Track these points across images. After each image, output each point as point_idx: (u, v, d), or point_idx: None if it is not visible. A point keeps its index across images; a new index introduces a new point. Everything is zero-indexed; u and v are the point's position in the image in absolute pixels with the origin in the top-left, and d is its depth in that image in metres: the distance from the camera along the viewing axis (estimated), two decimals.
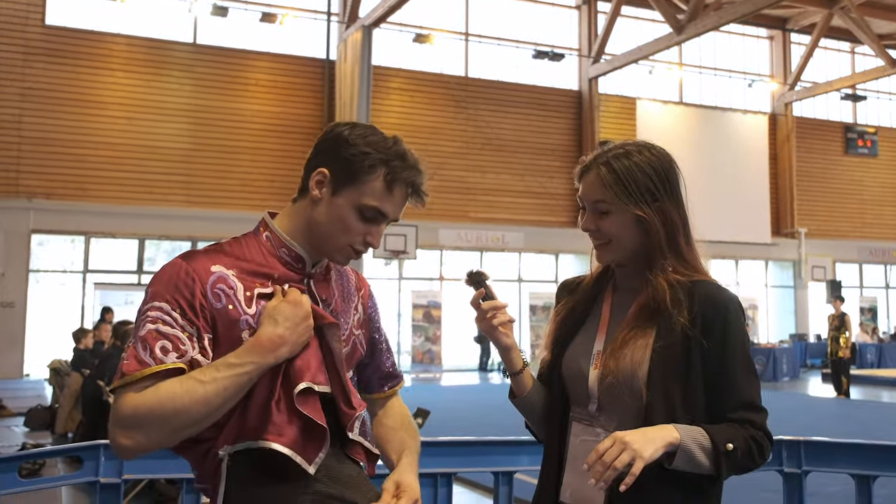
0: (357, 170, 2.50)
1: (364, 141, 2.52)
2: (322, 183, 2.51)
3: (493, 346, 14.23)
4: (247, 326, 2.40)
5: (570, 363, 2.76)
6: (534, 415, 2.89)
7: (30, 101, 24.85)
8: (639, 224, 2.70)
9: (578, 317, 2.85)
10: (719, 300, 2.64)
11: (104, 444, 4.69)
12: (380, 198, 2.55)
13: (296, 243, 2.56)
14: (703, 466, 2.48)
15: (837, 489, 7.84)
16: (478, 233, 29.94)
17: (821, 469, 5.08)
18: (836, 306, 22.57)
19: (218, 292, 2.39)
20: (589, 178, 2.78)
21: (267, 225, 2.59)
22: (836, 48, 38.34)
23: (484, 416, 16.89)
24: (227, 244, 2.54)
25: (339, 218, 2.51)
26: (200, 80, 26.73)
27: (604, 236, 2.74)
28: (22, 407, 16.16)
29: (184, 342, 2.33)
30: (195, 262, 2.42)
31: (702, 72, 35.96)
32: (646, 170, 2.73)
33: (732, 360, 2.62)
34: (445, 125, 30.16)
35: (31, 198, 24.45)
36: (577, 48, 33.09)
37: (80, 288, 25.60)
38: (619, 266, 2.81)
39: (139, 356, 2.29)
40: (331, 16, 28.66)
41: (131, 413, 2.25)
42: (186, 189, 26.32)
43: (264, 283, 2.46)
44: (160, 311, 2.34)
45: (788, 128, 36.31)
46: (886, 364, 30.12)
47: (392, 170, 2.56)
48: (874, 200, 38.55)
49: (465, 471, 5.25)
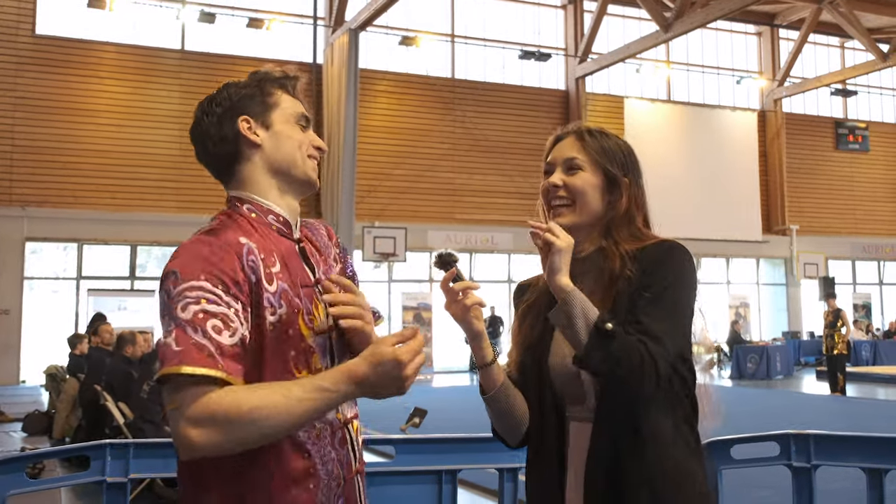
0: (266, 97, 2.56)
1: (243, 83, 2.60)
2: (252, 127, 2.52)
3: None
4: (269, 304, 2.33)
5: (558, 364, 2.68)
6: (504, 414, 2.76)
7: (22, 110, 24.84)
8: (606, 189, 2.73)
9: (542, 323, 2.75)
10: (660, 250, 2.62)
11: (111, 443, 4.71)
12: (297, 105, 2.61)
13: (275, 206, 2.53)
14: (576, 332, 2.45)
15: (841, 485, 7.77)
16: (467, 234, 29.92)
17: (831, 463, 5.03)
18: (830, 305, 22.52)
19: (252, 264, 2.32)
20: (566, 140, 2.82)
21: (241, 199, 2.53)
22: (825, 43, 38.31)
23: (478, 417, 16.85)
24: (225, 222, 2.46)
25: (288, 136, 2.55)
26: (189, 87, 26.66)
27: (570, 193, 2.74)
28: (19, 412, 16.20)
29: (233, 319, 2.22)
30: (223, 235, 2.35)
31: (689, 69, 35.94)
32: (622, 148, 2.81)
33: (654, 301, 2.52)
34: (433, 127, 30.16)
35: (24, 206, 24.43)
36: (563, 48, 33.11)
37: (73, 294, 25.56)
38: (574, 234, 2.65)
39: (194, 339, 2.16)
40: (317, 20, 28.67)
41: (204, 409, 2.12)
42: (177, 195, 26.27)
43: (271, 260, 2.40)
44: (201, 290, 2.22)
45: (778, 124, 36.29)
46: (881, 361, 29.98)
47: (283, 83, 2.62)
48: (866, 196, 38.43)
49: (469, 468, 5.25)
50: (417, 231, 28.32)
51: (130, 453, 4.73)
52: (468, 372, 28.92)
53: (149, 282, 26.30)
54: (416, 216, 29.16)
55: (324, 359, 2.46)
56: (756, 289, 36.49)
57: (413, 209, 29.32)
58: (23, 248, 24.80)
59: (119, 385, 11.85)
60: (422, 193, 29.66)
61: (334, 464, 2.42)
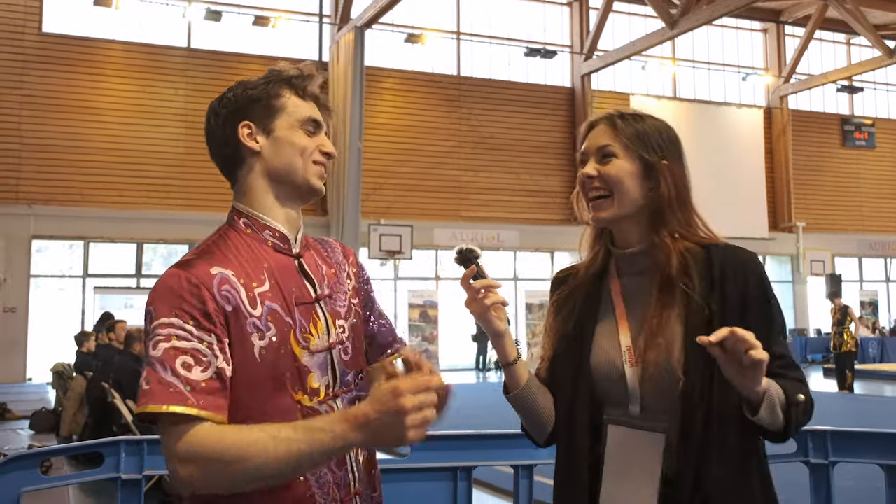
0: (271, 100, 2.48)
1: (252, 83, 2.52)
2: (252, 133, 2.47)
3: (489, 345, 14.16)
4: (254, 329, 2.28)
5: (600, 363, 2.56)
6: (530, 412, 2.67)
7: (28, 108, 24.87)
8: (645, 176, 2.57)
9: (586, 311, 2.66)
10: (745, 263, 2.52)
11: (125, 440, 4.69)
12: (306, 108, 2.52)
13: (273, 221, 2.48)
14: (778, 420, 2.34)
15: (854, 483, 7.73)
16: (473, 232, 29.84)
17: (849, 460, 4.99)
18: (836, 303, 22.47)
19: (225, 294, 2.28)
20: (598, 128, 2.67)
21: (240, 211, 2.50)
22: (831, 39, 38.18)
23: (487, 414, 16.85)
24: (213, 244, 2.43)
25: (290, 143, 2.48)
26: (195, 84, 26.69)
27: (605, 184, 2.58)
28: (26, 410, 16.19)
29: (205, 353, 2.20)
30: (193, 268, 2.30)
31: (695, 66, 35.93)
32: (660, 130, 2.64)
33: (771, 325, 2.48)
34: (439, 125, 30.14)
35: (31, 204, 24.43)
36: (569, 45, 33.07)
37: (79, 292, 25.62)
38: (617, 228, 2.63)
39: (159, 377, 2.15)
40: (323, 18, 28.66)
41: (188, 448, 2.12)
42: (183, 193, 26.29)
43: (260, 280, 2.36)
44: (171, 326, 2.20)
45: (784, 121, 36.22)
46: (889, 358, 29.94)
47: (293, 84, 2.53)
48: (873, 193, 38.30)
49: (484, 464, 5.22)
50: (423, 228, 28.33)
51: (145, 449, 4.72)
52: (474, 370, 28.93)
53: (155, 280, 26.22)
54: (422, 213, 29.14)
55: (322, 377, 2.40)
56: None
57: (419, 206, 29.30)
58: (29, 246, 24.83)
59: (127, 382, 11.82)
60: (428, 191, 29.64)
61: (331, 486, 2.37)
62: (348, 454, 2.42)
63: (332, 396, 2.41)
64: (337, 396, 2.43)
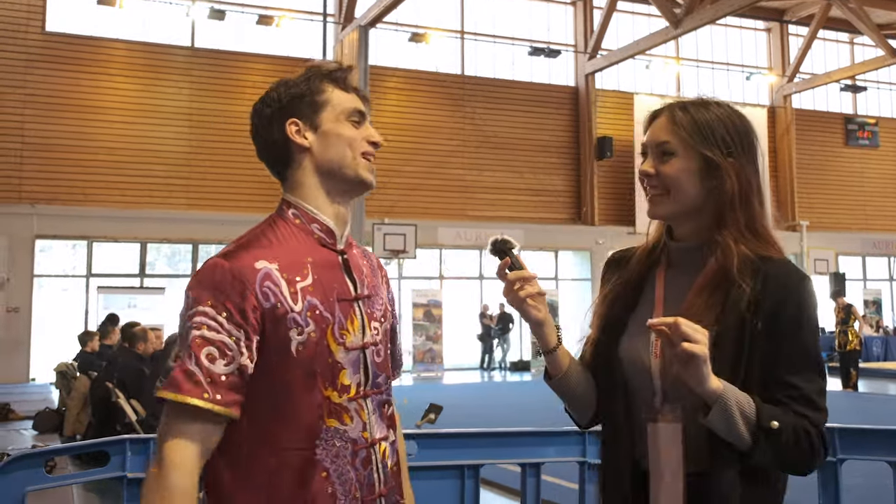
0: (315, 96, 2.52)
1: (293, 81, 2.56)
2: (300, 130, 2.50)
3: (494, 344, 14.23)
4: (294, 325, 2.32)
5: (629, 353, 2.54)
6: (572, 397, 2.64)
7: (31, 107, 24.84)
8: (706, 174, 2.47)
9: (629, 297, 2.62)
10: (790, 283, 2.40)
11: (130, 439, 4.67)
12: (350, 100, 2.55)
13: (322, 214, 2.50)
14: (739, 435, 2.26)
15: (860, 481, 7.70)
16: (477, 231, 29.80)
17: (857, 457, 4.97)
18: (839, 302, 22.49)
19: (266, 291, 2.31)
20: (659, 120, 2.59)
21: (290, 202, 2.53)
22: (834, 39, 38.15)
23: (491, 413, 16.87)
24: (262, 233, 2.45)
25: (338, 136, 2.50)
26: (199, 84, 26.72)
27: (661, 183, 2.51)
28: (30, 410, 16.18)
29: (231, 348, 2.25)
30: (237, 260, 2.33)
31: (699, 65, 35.91)
32: (725, 122, 2.53)
33: (796, 352, 2.36)
34: (443, 124, 30.12)
35: (34, 203, 24.40)
36: (573, 44, 33.05)
37: (83, 292, 25.56)
38: (674, 223, 2.58)
39: (185, 365, 2.24)
40: (327, 17, 28.61)
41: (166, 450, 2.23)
42: (187, 192, 26.30)
43: (303, 274, 2.38)
44: (205, 315, 2.26)
45: (788, 120, 36.21)
46: (893, 357, 30.03)
47: (334, 77, 2.57)
48: (876, 192, 38.29)
49: (491, 462, 5.21)
50: (427, 228, 28.29)
51: (151, 448, 4.69)
52: (479, 369, 28.94)
53: (158, 279, 26.35)
54: (427, 213, 29.12)
55: (354, 375, 2.43)
56: None
57: (423, 206, 29.27)
58: (32, 246, 24.76)
59: (131, 382, 11.83)
60: (432, 190, 29.62)
61: (353, 484, 2.39)
62: (375, 454, 2.45)
63: (362, 395, 2.43)
64: (367, 396, 2.45)
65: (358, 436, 2.40)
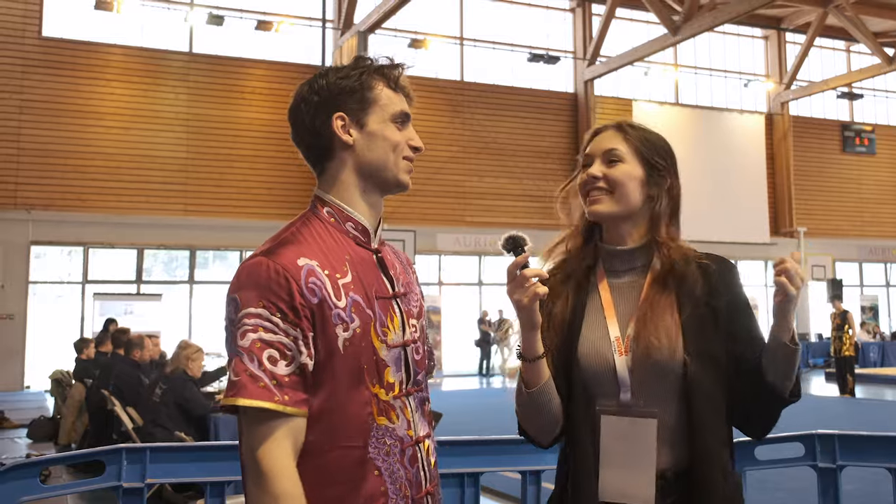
0: (365, 91, 2.49)
1: (344, 71, 2.52)
2: (346, 125, 2.47)
3: (493, 349, 14.15)
4: (339, 321, 2.31)
5: (589, 357, 2.61)
6: (545, 411, 2.64)
7: (28, 112, 24.78)
8: (646, 182, 2.68)
9: (575, 305, 2.71)
10: (728, 270, 2.69)
11: (126, 447, 4.63)
12: (397, 101, 2.55)
13: (356, 212, 2.49)
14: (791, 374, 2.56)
15: (857, 487, 7.71)
16: (476, 237, 29.85)
17: (857, 464, 4.97)
18: (836, 307, 22.53)
19: (312, 287, 2.29)
20: (605, 133, 2.76)
21: (323, 200, 2.50)
22: (831, 47, 38.35)
23: (490, 420, 16.82)
24: (298, 231, 2.43)
25: (383, 138, 2.49)
26: (197, 89, 26.69)
27: (609, 185, 2.67)
28: (24, 419, 16.11)
29: (290, 348, 2.24)
30: (281, 257, 2.31)
31: (697, 72, 35.99)
32: (661, 142, 2.77)
33: (751, 319, 2.66)
34: (442, 130, 30.05)
35: (29, 209, 24.35)
36: (572, 51, 33.09)
37: (79, 299, 25.47)
38: (610, 225, 2.73)
39: (249, 370, 2.22)
40: (326, 22, 28.63)
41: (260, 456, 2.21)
42: (184, 198, 26.26)
43: (343, 271, 2.38)
44: (258, 317, 2.24)
45: (785, 127, 36.30)
46: (890, 363, 30.13)
47: (386, 74, 2.56)
48: (873, 199, 38.45)
49: (491, 470, 5.18)
50: (426, 234, 28.24)
51: (147, 457, 4.66)
52: (477, 376, 28.90)
53: (155, 286, 26.27)
54: (425, 219, 29.10)
55: (397, 373, 2.43)
56: (764, 291, 36.28)
57: (422, 212, 29.23)
58: (28, 252, 24.67)
59: (128, 390, 11.78)
60: (431, 196, 29.59)
61: (403, 482, 2.39)
62: (420, 452, 2.46)
63: (405, 393, 2.44)
64: (410, 394, 2.47)
65: (404, 434, 2.41)
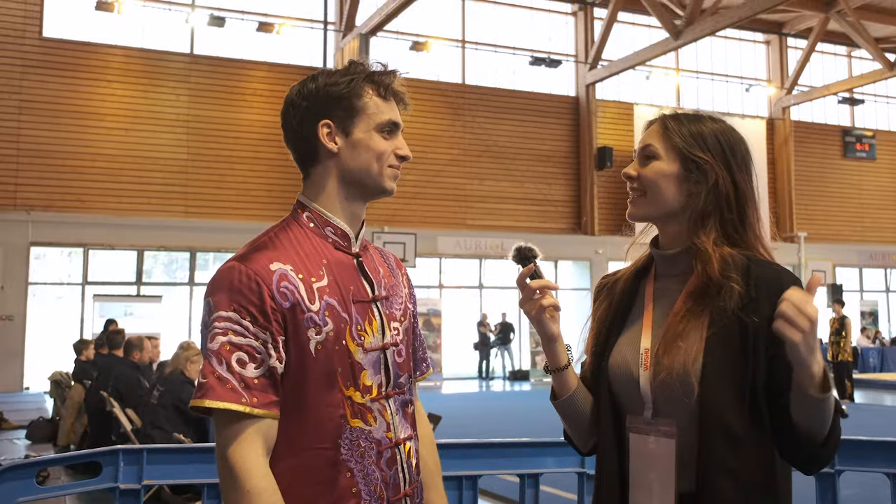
0: (353, 100, 2.49)
1: (334, 77, 2.53)
2: (332, 133, 2.48)
3: (492, 354, 14.13)
4: (311, 324, 2.33)
5: (617, 367, 2.50)
6: (577, 421, 2.60)
7: (28, 113, 24.75)
8: (684, 178, 2.50)
9: (619, 314, 2.60)
10: (775, 279, 2.37)
11: (123, 449, 4.62)
12: (385, 110, 2.54)
13: (336, 218, 2.51)
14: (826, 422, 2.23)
15: (855, 492, 7.72)
16: (476, 240, 29.83)
17: (855, 469, 4.94)
18: (836, 310, 22.45)
19: (284, 291, 2.32)
20: (651, 128, 2.63)
21: (304, 205, 2.53)
22: (832, 52, 38.31)
23: (489, 423, 16.82)
24: (275, 235, 2.45)
25: (367, 148, 2.50)
26: (197, 91, 26.67)
27: (641, 185, 2.54)
28: (23, 420, 16.08)
29: (259, 351, 2.28)
30: (253, 262, 2.34)
31: (699, 77, 35.98)
32: (716, 133, 2.58)
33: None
34: (443, 133, 30.06)
35: (29, 210, 24.32)
36: (573, 54, 33.07)
37: (79, 300, 25.43)
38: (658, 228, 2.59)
39: (217, 372, 2.25)
40: (327, 24, 28.63)
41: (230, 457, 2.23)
42: (184, 199, 26.23)
43: (318, 275, 2.40)
44: (228, 320, 2.28)
45: (786, 132, 36.28)
46: (889, 368, 30.14)
47: (376, 81, 2.54)
48: (873, 204, 38.47)
49: (490, 473, 5.16)
50: (427, 237, 28.27)
51: (144, 459, 4.65)
52: (477, 379, 28.88)
53: (155, 287, 26.24)
54: (426, 222, 29.08)
55: (375, 376, 2.45)
56: None
57: (423, 215, 29.21)
58: (27, 253, 24.63)
59: (127, 391, 11.76)
60: (431, 199, 29.57)
61: (378, 484, 2.40)
62: (400, 454, 2.47)
63: (384, 396, 2.45)
64: (389, 397, 2.48)
65: (382, 436, 2.42)
